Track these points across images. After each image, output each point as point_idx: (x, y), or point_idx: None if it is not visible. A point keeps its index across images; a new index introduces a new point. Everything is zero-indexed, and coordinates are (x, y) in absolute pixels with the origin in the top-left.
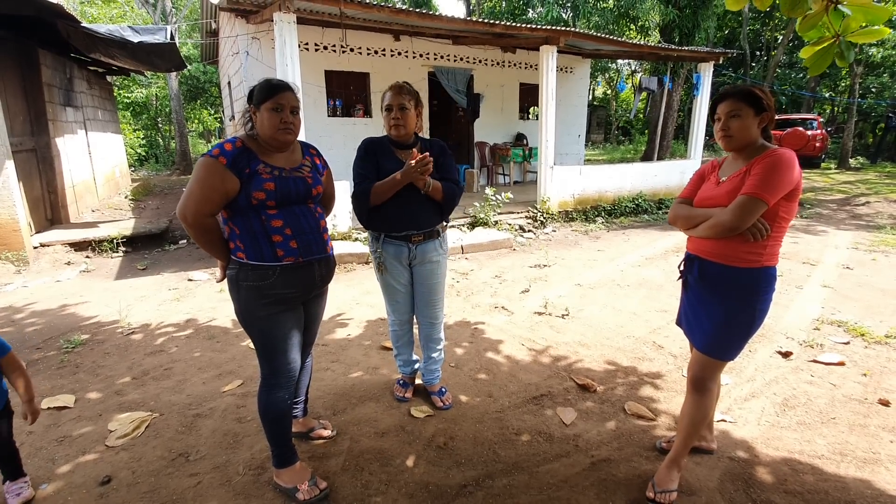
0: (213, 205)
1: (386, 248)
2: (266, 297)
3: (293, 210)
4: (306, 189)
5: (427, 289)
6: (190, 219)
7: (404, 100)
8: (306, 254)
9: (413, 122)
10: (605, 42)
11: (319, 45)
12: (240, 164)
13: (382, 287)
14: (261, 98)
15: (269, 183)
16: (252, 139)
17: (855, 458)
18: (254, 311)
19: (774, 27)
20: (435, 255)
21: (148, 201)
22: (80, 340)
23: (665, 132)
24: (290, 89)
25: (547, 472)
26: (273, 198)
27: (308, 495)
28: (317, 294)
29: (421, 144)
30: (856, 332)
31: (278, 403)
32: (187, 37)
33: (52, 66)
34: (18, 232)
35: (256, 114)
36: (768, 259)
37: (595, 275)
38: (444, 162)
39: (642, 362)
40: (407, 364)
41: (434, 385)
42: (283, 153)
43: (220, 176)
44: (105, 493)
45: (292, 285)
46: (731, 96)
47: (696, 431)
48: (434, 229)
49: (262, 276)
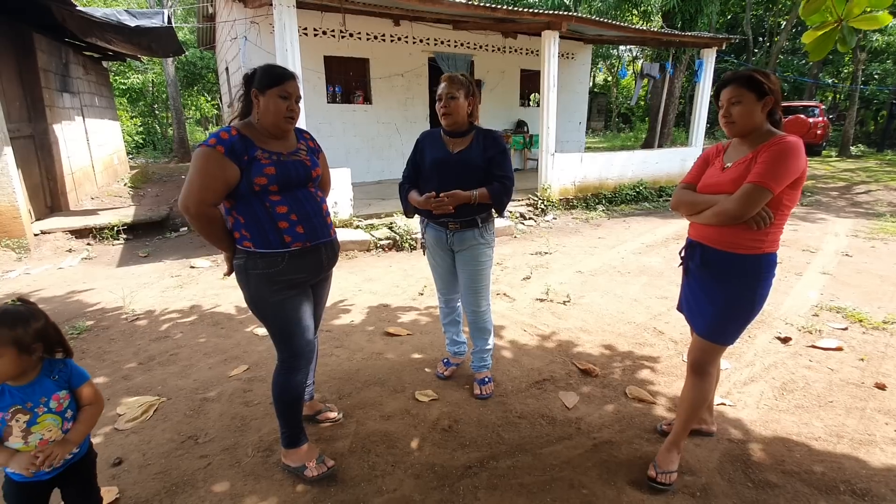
0: (215, 194)
1: (428, 232)
2: (277, 284)
3: (296, 195)
4: (306, 172)
5: (467, 275)
6: (193, 209)
7: (454, 89)
8: (313, 238)
9: (462, 111)
10: (608, 27)
11: (318, 31)
12: (238, 152)
13: (430, 265)
14: (268, 83)
15: (269, 168)
16: (247, 126)
17: (851, 439)
18: (266, 298)
19: (777, 13)
20: (475, 242)
21: (147, 189)
22: (85, 326)
23: (666, 119)
24: (295, 77)
25: (550, 453)
26: (275, 182)
27: (316, 472)
28: (323, 277)
29: (475, 134)
30: (854, 318)
31: (297, 387)
32: (183, 21)
33: (47, 51)
34: (19, 219)
35: (260, 98)
36: (770, 246)
37: (596, 262)
38: (496, 158)
39: (643, 347)
40: (452, 343)
41: (480, 372)
42: (280, 139)
43: (219, 164)
44: (117, 473)
45: (302, 270)
46: (732, 82)
47: (696, 414)
48: (473, 219)
49: (272, 263)
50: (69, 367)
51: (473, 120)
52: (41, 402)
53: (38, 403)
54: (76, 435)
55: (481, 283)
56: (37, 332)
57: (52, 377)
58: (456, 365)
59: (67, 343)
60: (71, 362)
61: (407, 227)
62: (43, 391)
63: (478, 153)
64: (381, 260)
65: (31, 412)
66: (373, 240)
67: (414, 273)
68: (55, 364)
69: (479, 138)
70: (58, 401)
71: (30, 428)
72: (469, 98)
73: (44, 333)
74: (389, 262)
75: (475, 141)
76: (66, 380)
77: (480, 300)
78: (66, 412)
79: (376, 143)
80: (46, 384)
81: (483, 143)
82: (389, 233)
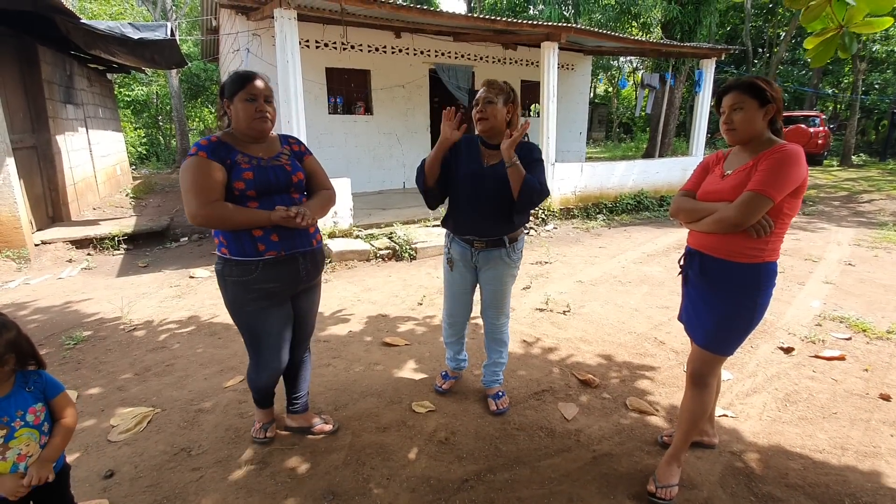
0: (212, 191)
1: (454, 248)
2: (252, 292)
3: (273, 201)
4: (286, 177)
5: (490, 293)
6: (199, 213)
7: (492, 94)
8: (289, 247)
9: (500, 117)
10: (607, 38)
11: (320, 42)
12: (220, 154)
13: (446, 282)
14: (233, 90)
15: (247, 172)
16: (227, 134)
17: (856, 451)
18: (241, 305)
19: (777, 23)
20: (500, 262)
21: (149, 199)
22: (82, 337)
23: (667, 129)
24: (260, 78)
25: (548, 466)
26: (252, 187)
27: (255, 433)
28: (305, 288)
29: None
30: (857, 327)
31: (263, 385)
32: (188, 34)
33: (52, 63)
34: (20, 229)
35: (230, 107)
36: (770, 255)
37: (596, 271)
38: (532, 164)
39: (643, 358)
40: (453, 359)
41: (492, 388)
42: (262, 144)
43: (205, 166)
44: (108, 486)
45: (276, 279)
46: (734, 89)
47: (696, 426)
48: (500, 238)
49: (246, 271)
50: (43, 379)
51: (512, 130)
52: (17, 415)
53: (15, 417)
54: (54, 452)
55: (503, 299)
56: (8, 343)
57: (28, 388)
58: (455, 378)
59: (40, 355)
60: (45, 373)
61: (406, 237)
62: (18, 404)
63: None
64: (381, 269)
65: (8, 426)
66: (372, 249)
67: (413, 283)
68: (29, 375)
69: (517, 150)
70: (34, 414)
71: (7, 443)
72: (508, 105)
73: (16, 344)
74: (389, 271)
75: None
76: (42, 391)
77: (501, 314)
78: (42, 425)
79: (377, 154)
80: (22, 396)
81: (519, 157)
82: (389, 242)
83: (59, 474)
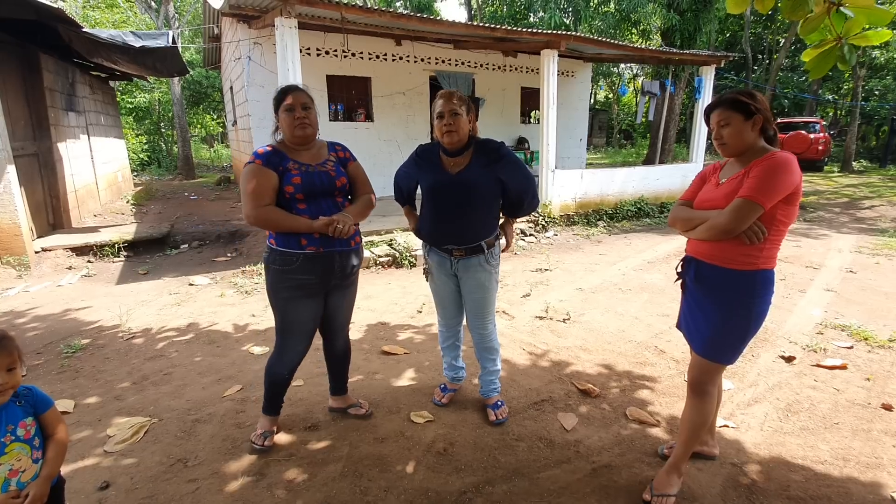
0: (264, 196)
1: (431, 257)
2: (288, 281)
3: (320, 203)
4: (330, 181)
5: (473, 302)
6: (252, 214)
7: (455, 105)
8: (328, 245)
9: (465, 128)
10: (606, 46)
11: (321, 50)
12: (273, 162)
13: (431, 290)
14: (276, 105)
15: (296, 178)
16: (282, 144)
17: (858, 462)
18: (277, 291)
19: (776, 31)
20: (480, 269)
21: (150, 206)
22: (80, 345)
23: (667, 136)
24: (297, 89)
25: (547, 478)
26: (301, 190)
27: (254, 440)
28: (338, 284)
29: (475, 146)
30: (859, 336)
31: (279, 371)
32: (190, 42)
33: (54, 71)
34: (20, 236)
35: (277, 119)
36: (765, 262)
37: (597, 279)
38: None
39: (644, 367)
40: (450, 368)
41: (491, 397)
42: (310, 151)
43: (260, 173)
44: (103, 498)
45: (311, 272)
46: (718, 106)
47: (697, 436)
48: (479, 244)
49: (287, 261)
50: (34, 393)
51: (474, 133)
52: (8, 430)
53: (5, 432)
54: (52, 469)
55: (487, 307)
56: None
57: (18, 403)
58: (453, 391)
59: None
60: (35, 388)
61: (406, 245)
62: (9, 419)
63: (477, 171)
64: (380, 277)
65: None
66: (372, 257)
67: (412, 290)
68: (19, 389)
69: (479, 152)
70: (24, 428)
71: None
72: (470, 115)
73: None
74: (388, 279)
75: (474, 156)
76: (32, 405)
77: (486, 322)
78: (33, 440)
79: (378, 161)
80: (12, 410)
81: (485, 158)
82: (389, 250)
83: (53, 488)
